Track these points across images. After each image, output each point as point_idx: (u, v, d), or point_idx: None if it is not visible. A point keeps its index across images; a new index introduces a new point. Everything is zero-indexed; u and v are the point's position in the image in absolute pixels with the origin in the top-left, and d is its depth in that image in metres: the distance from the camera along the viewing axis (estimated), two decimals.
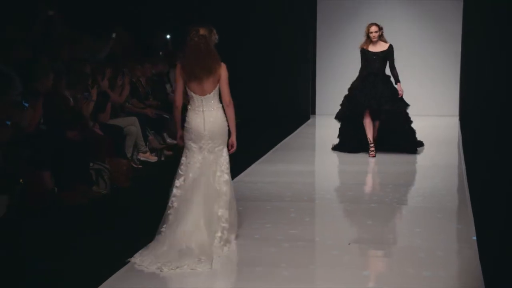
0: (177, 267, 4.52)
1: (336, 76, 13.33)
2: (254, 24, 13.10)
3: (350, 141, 9.07)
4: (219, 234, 4.86)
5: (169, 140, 9.35)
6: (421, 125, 12.00)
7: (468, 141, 10.07)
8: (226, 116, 5.04)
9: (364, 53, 8.80)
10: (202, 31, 4.97)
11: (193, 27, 5.00)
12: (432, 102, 13.58)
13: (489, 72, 12.52)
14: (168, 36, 12.27)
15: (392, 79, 8.98)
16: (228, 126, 5.07)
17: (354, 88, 8.91)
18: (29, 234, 5.38)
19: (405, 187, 7.14)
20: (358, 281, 4.40)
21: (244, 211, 5.93)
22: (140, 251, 4.77)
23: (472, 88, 12.77)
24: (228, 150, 5.11)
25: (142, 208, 6.34)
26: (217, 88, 4.98)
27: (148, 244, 4.85)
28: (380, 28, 8.78)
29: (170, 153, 9.04)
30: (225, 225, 4.92)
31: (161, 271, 4.51)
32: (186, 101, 5.09)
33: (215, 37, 5.06)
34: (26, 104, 6.31)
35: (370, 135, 8.79)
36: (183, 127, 5.07)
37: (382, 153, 8.87)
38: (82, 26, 9.41)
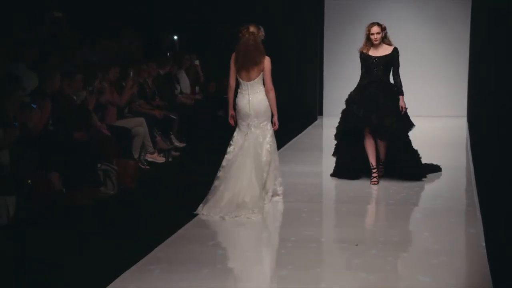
0: (236, 216, 5.78)
1: (343, 77, 13.29)
2: (261, 24, 13.11)
3: (349, 165, 7.48)
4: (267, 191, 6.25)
5: (176, 143, 9.35)
6: (429, 126, 12.02)
7: (476, 142, 10.03)
8: (268, 98, 6.26)
9: (364, 58, 7.24)
10: (251, 29, 6.19)
11: (244, 26, 6.22)
12: (440, 103, 13.54)
13: (497, 73, 12.48)
14: (175, 37, 12.29)
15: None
16: (271, 107, 6.26)
17: (352, 101, 7.29)
18: (37, 234, 5.40)
19: (412, 188, 7.11)
20: (365, 282, 4.39)
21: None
22: (200, 205, 6.04)
23: (480, 89, 12.74)
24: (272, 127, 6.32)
25: (149, 209, 6.35)
26: (260, 76, 6.19)
27: (206, 198, 6.06)
28: (383, 29, 7.21)
29: (177, 154, 9.05)
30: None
31: (223, 219, 5.77)
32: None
33: (262, 34, 6.22)
34: (34, 106, 6.33)
35: (372, 158, 7.23)
36: (234, 109, 6.31)
37: (385, 179, 7.38)
38: (90, 28, 9.44)
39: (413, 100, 13.66)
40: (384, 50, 7.21)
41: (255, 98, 6.20)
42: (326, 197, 6.91)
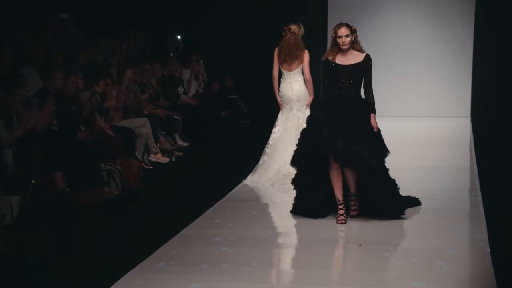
0: (283, 184, 7.09)
1: None
2: (264, 24, 13.08)
3: (313, 200, 5.93)
4: None
5: (180, 143, 9.36)
6: (433, 126, 12.01)
7: (480, 142, 10.01)
8: (307, 85, 7.45)
9: (329, 66, 5.88)
10: (293, 28, 7.34)
11: (286, 25, 7.37)
12: (444, 103, 13.51)
13: (501, 73, 12.47)
14: (179, 37, 12.29)
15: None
16: (308, 92, 7.43)
17: (313, 120, 5.93)
18: (41, 234, 5.41)
19: (416, 189, 7.09)
20: (369, 282, 4.39)
21: (255, 213, 5.92)
22: (249, 175, 7.41)
23: (484, 89, 12.72)
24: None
25: (153, 209, 6.36)
26: (300, 67, 7.37)
27: (255, 169, 7.43)
28: (354, 31, 5.86)
29: (181, 154, 9.06)
30: None
31: (273, 186, 7.16)
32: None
33: (302, 31, 7.34)
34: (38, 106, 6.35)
35: (338, 191, 5.79)
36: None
37: (358, 218, 5.90)
38: (94, 28, 9.46)
39: (416, 100, 13.73)
40: (354, 58, 5.87)
41: (296, 85, 7.39)
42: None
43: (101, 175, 6.75)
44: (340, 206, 5.81)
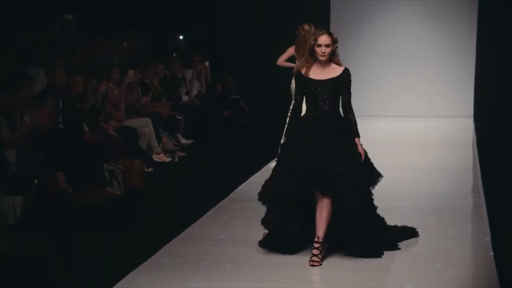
0: None
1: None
2: (266, 25, 13.09)
3: (286, 233, 4.96)
4: None
5: (183, 141, 9.36)
6: (435, 127, 11.99)
7: (482, 142, 9.99)
8: None
9: (302, 81, 4.93)
10: (306, 27, 7.67)
11: (301, 25, 7.78)
12: (447, 103, 13.49)
13: (504, 73, 12.45)
14: (181, 37, 12.30)
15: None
16: None
17: (288, 146, 4.96)
18: (43, 234, 5.42)
19: (419, 189, 7.10)
20: (372, 282, 4.39)
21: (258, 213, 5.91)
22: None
23: (487, 90, 12.70)
24: None
25: (155, 209, 6.37)
26: None
27: None
28: (334, 41, 4.90)
29: (183, 154, 9.06)
30: None
31: None
32: None
33: (313, 30, 6.95)
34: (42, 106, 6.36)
35: (320, 227, 4.80)
36: None
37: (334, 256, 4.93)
38: (96, 28, 9.47)
39: (418, 100, 13.71)
40: (331, 71, 4.92)
41: None
42: None
43: (104, 175, 6.76)
44: (317, 245, 4.77)
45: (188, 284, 4.40)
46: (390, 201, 6.64)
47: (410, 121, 12.63)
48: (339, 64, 4.97)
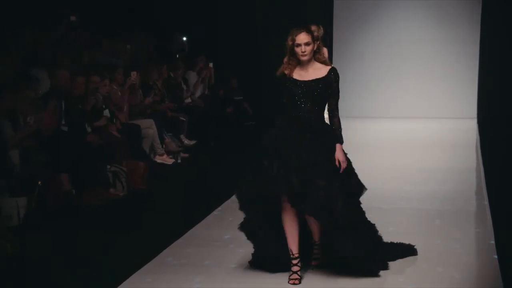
0: None
1: (353, 79, 13.22)
2: (268, 26, 13.08)
3: (271, 248, 4.62)
4: None
5: (186, 142, 9.36)
6: (438, 128, 11.97)
7: (486, 144, 9.98)
8: None
9: (285, 82, 4.59)
10: (313, 28, 7.36)
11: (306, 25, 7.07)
12: (450, 104, 13.47)
13: (507, 74, 12.43)
14: (184, 39, 12.30)
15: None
16: None
17: (262, 150, 4.57)
18: (47, 235, 5.43)
19: (422, 190, 7.09)
20: (374, 284, 4.40)
21: None
22: None
23: (490, 91, 12.69)
24: None
25: (158, 210, 6.37)
26: None
27: None
28: (316, 38, 4.58)
29: (186, 155, 9.06)
30: None
31: None
32: None
33: (321, 31, 6.38)
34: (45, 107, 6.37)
35: (292, 241, 4.47)
36: None
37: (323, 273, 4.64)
38: (101, 30, 9.48)
39: (423, 102, 13.69)
40: (316, 72, 4.56)
41: None
42: None
43: (107, 177, 6.77)
44: (294, 262, 4.46)
45: (192, 284, 4.41)
46: (392, 202, 6.64)
47: (413, 123, 12.61)
48: (325, 63, 4.62)
